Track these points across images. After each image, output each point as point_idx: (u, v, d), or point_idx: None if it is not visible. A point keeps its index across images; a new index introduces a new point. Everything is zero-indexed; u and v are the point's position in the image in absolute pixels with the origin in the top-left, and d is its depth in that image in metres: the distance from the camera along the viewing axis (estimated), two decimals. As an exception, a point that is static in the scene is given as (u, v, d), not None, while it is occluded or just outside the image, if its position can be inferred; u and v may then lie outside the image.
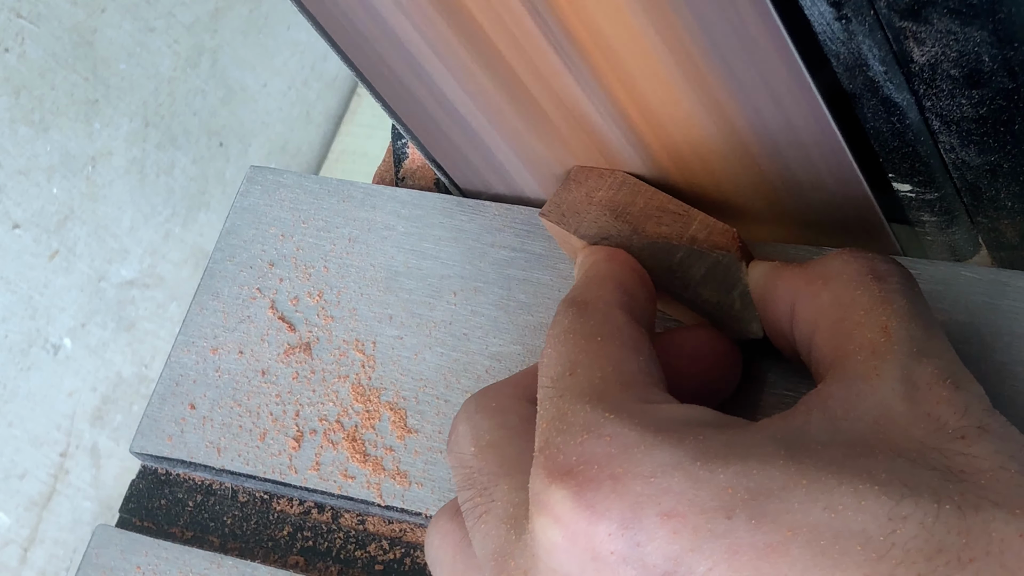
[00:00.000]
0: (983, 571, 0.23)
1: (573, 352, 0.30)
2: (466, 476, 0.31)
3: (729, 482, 0.25)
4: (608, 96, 0.34)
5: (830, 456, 0.26)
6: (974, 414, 0.27)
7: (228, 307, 0.42)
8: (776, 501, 0.25)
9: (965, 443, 0.26)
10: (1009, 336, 0.34)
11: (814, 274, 0.31)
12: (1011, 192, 0.34)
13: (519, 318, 0.39)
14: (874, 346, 0.29)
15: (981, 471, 0.26)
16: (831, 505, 0.24)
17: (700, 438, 0.27)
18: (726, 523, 0.25)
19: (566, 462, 0.27)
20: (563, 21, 0.32)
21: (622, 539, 0.25)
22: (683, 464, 0.26)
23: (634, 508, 0.25)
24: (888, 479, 0.25)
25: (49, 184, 0.95)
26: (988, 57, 0.28)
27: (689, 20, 0.30)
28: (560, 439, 0.27)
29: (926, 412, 0.27)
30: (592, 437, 0.27)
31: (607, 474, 0.26)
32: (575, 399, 0.28)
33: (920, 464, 0.26)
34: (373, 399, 0.39)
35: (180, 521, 0.40)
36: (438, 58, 0.35)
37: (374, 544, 0.38)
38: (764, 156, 0.34)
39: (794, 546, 0.24)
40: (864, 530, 0.24)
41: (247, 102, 1.15)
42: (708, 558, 0.25)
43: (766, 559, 0.24)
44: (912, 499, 0.24)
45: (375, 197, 0.43)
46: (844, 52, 0.30)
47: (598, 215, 0.36)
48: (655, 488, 0.26)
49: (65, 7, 0.95)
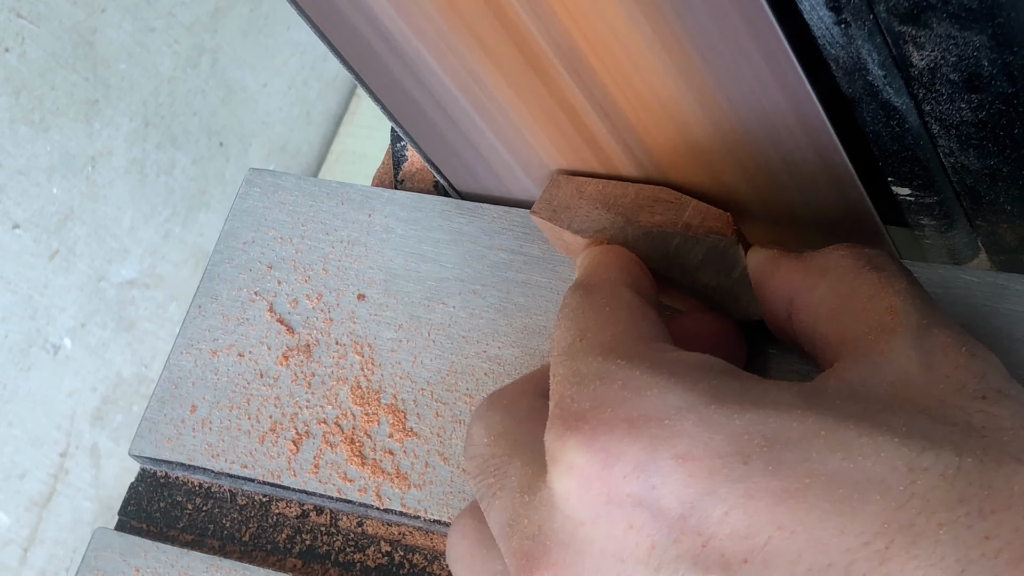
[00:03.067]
0: (1005, 523, 0.23)
1: (582, 322, 0.30)
2: (480, 465, 0.30)
3: (745, 428, 0.25)
4: (604, 96, 0.34)
5: (849, 410, 0.26)
6: (993, 379, 0.27)
7: (227, 310, 0.42)
8: (793, 450, 0.25)
9: (986, 403, 0.26)
10: (1008, 340, 0.34)
11: (811, 267, 0.31)
12: (1010, 196, 0.34)
13: (518, 321, 0.39)
14: (882, 325, 0.29)
15: (1003, 429, 0.25)
16: (850, 455, 0.24)
17: (715, 383, 0.26)
18: (742, 468, 0.24)
19: (579, 409, 0.27)
20: (560, 25, 0.32)
21: (637, 481, 0.25)
22: (697, 407, 0.26)
23: (649, 451, 0.25)
24: (908, 432, 0.25)
25: (49, 184, 0.95)
26: (987, 61, 0.28)
27: (683, 18, 0.30)
28: (573, 391, 0.27)
29: (944, 374, 0.27)
30: (605, 383, 0.27)
31: (621, 417, 0.26)
32: (587, 356, 0.28)
33: (941, 420, 0.26)
34: (372, 402, 0.39)
35: (179, 524, 0.40)
36: (434, 59, 0.35)
37: (373, 547, 0.38)
38: (757, 154, 0.34)
39: (811, 493, 0.24)
40: (884, 480, 0.24)
41: (247, 102, 1.15)
42: (724, 502, 0.24)
43: (783, 504, 0.24)
44: (933, 451, 0.24)
45: (374, 200, 0.43)
46: (843, 56, 0.30)
47: (590, 209, 0.36)
48: (670, 431, 0.25)
49: (65, 7, 0.95)
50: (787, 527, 0.24)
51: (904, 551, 0.23)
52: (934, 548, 0.23)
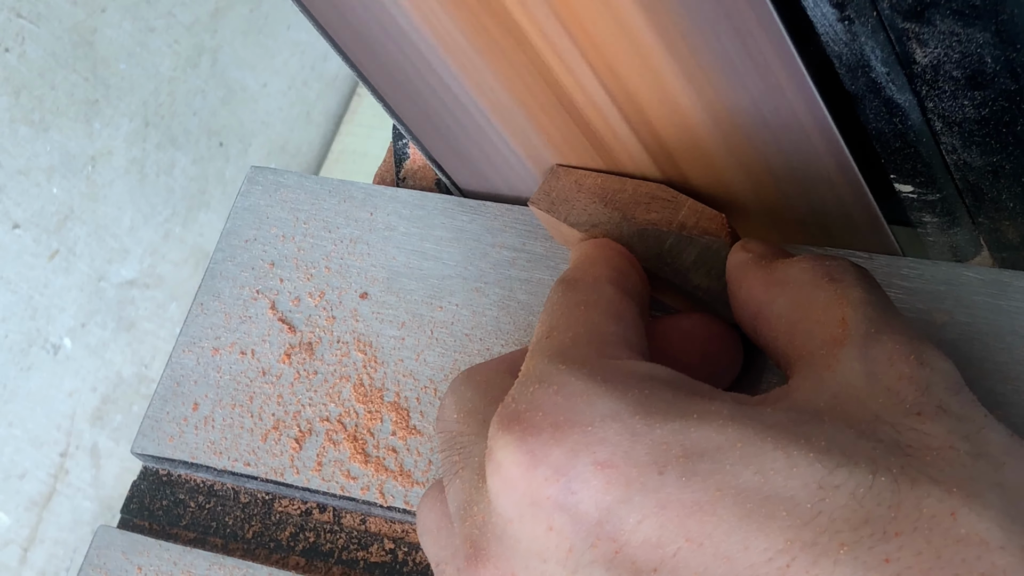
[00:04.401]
0: (907, 546, 0.23)
1: (554, 318, 0.31)
2: (448, 440, 0.31)
3: (665, 438, 0.25)
4: (605, 92, 0.34)
5: (773, 421, 0.26)
6: (935, 392, 0.27)
7: (229, 308, 0.42)
8: (708, 461, 0.25)
9: (920, 419, 0.26)
10: (1011, 336, 0.34)
11: (772, 280, 0.32)
12: (1013, 193, 0.34)
13: (521, 318, 0.39)
14: (833, 338, 0.29)
15: (929, 448, 0.25)
16: (762, 469, 0.24)
17: (646, 392, 0.27)
18: (658, 478, 0.25)
19: (516, 410, 0.27)
20: (564, 19, 0.32)
21: (557, 485, 0.26)
22: (622, 416, 0.26)
23: (570, 456, 0.26)
24: (827, 447, 0.25)
25: (49, 184, 0.95)
26: (990, 58, 0.28)
27: (687, 14, 0.30)
28: (517, 390, 0.28)
29: (885, 387, 0.27)
30: (543, 387, 0.27)
31: (549, 422, 0.26)
32: (540, 357, 0.29)
33: (867, 436, 0.26)
34: (375, 400, 0.39)
35: (182, 522, 0.40)
36: (437, 54, 0.35)
37: (376, 544, 0.38)
38: (760, 152, 0.34)
39: (721, 506, 0.24)
40: (792, 496, 0.24)
41: (247, 102, 1.15)
42: (638, 511, 0.25)
43: (693, 517, 0.24)
44: (847, 468, 0.24)
45: (376, 197, 0.43)
46: (847, 53, 0.30)
47: (588, 202, 0.36)
48: (592, 437, 0.26)
49: (65, 7, 0.95)
50: (695, 539, 0.24)
51: (804, 570, 0.23)
52: (833, 568, 0.23)
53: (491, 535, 0.27)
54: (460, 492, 0.29)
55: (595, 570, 0.25)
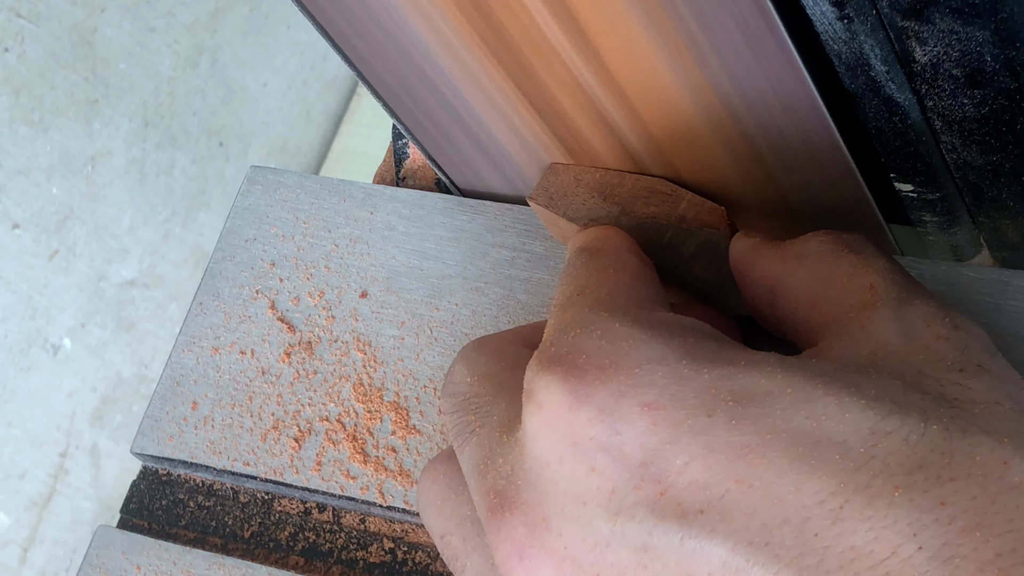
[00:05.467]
0: (961, 491, 0.23)
1: (583, 279, 0.31)
2: (460, 403, 0.31)
3: (713, 383, 0.25)
4: (603, 89, 0.34)
5: (821, 369, 0.26)
6: (973, 353, 0.27)
7: (229, 307, 0.42)
8: (758, 406, 0.25)
9: (963, 375, 0.26)
10: (1012, 336, 0.34)
11: (790, 254, 0.32)
12: (1013, 192, 0.34)
13: (521, 318, 0.39)
14: (862, 302, 0.29)
15: (975, 402, 0.26)
16: (813, 414, 0.24)
17: (691, 340, 0.27)
18: (706, 420, 0.25)
19: (557, 352, 0.27)
20: (560, 15, 0.32)
21: (601, 425, 0.25)
22: (669, 360, 0.26)
23: (616, 396, 0.25)
24: (877, 395, 0.25)
25: (49, 184, 0.95)
26: (990, 57, 0.28)
27: (686, 10, 0.30)
28: (555, 335, 0.28)
29: (925, 346, 0.27)
30: (585, 331, 0.27)
31: (594, 364, 0.26)
32: (577, 308, 0.29)
33: (914, 388, 0.26)
34: (375, 399, 0.39)
35: (181, 522, 0.40)
36: (435, 54, 0.35)
37: (375, 544, 0.38)
38: (758, 151, 0.34)
39: (771, 449, 0.24)
40: (845, 441, 0.24)
41: (247, 102, 1.15)
42: (685, 452, 0.24)
43: (742, 459, 0.24)
44: (899, 416, 0.24)
45: (376, 197, 0.43)
46: (846, 52, 0.30)
47: (587, 197, 0.36)
48: (639, 380, 0.26)
49: (65, 7, 0.95)
50: (745, 481, 0.24)
51: (858, 512, 0.23)
52: (887, 510, 0.23)
53: (522, 481, 0.27)
54: (479, 448, 0.29)
55: (638, 511, 0.25)
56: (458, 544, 0.30)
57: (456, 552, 0.30)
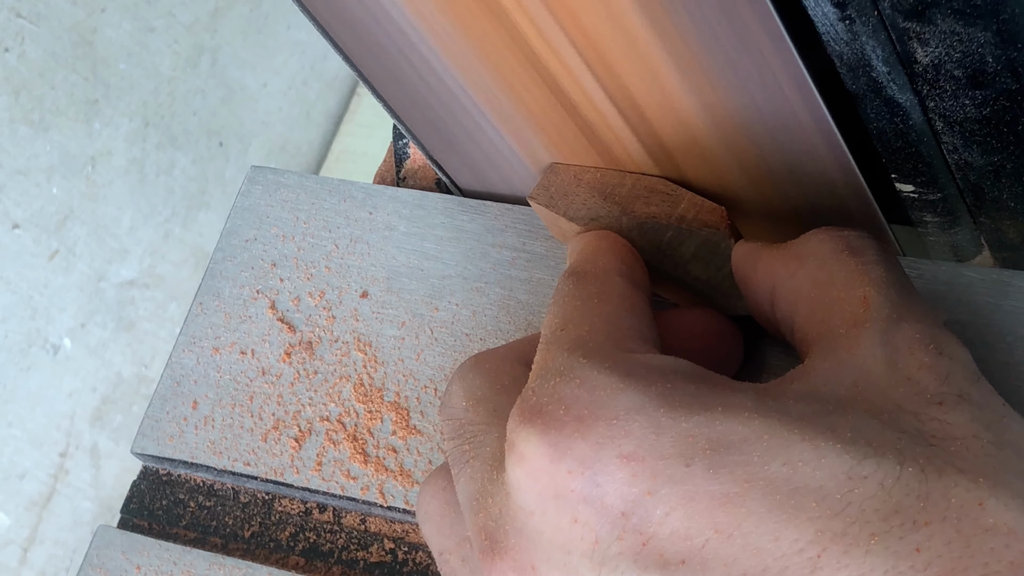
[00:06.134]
0: (937, 535, 0.23)
1: (568, 311, 0.31)
2: (456, 428, 0.31)
3: (691, 431, 0.25)
4: (604, 90, 0.34)
5: (798, 412, 0.26)
6: (955, 381, 0.27)
7: (229, 307, 0.42)
8: (736, 453, 0.25)
9: (942, 409, 0.26)
10: (1012, 337, 0.34)
11: (790, 255, 0.32)
12: (1014, 193, 0.34)
13: (521, 318, 0.39)
14: (854, 318, 0.29)
15: (953, 438, 0.26)
16: (790, 461, 0.25)
17: (669, 385, 0.27)
18: (685, 470, 0.25)
19: (537, 403, 0.27)
20: (561, 17, 0.32)
21: (582, 478, 0.26)
22: (647, 409, 0.26)
23: (595, 448, 0.26)
24: (853, 438, 0.25)
25: (49, 184, 0.95)
26: (992, 58, 0.28)
27: (687, 11, 0.30)
28: (536, 383, 0.28)
29: (906, 376, 0.27)
30: (564, 380, 0.27)
31: (573, 415, 0.26)
32: (558, 349, 0.29)
33: (891, 426, 0.26)
34: (375, 399, 0.39)
35: (181, 522, 0.40)
36: (436, 54, 0.35)
37: (376, 544, 0.38)
38: (760, 151, 0.34)
39: (749, 498, 0.24)
40: (821, 487, 0.24)
41: (247, 102, 1.15)
42: (665, 503, 0.25)
43: (722, 508, 0.24)
44: (875, 459, 0.24)
45: (376, 197, 0.43)
46: (848, 53, 0.30)
47: (587, 197, 0.36)
48: (617, 431, 0.26)
49: (65, 7, 0.95)
50: (724, 531, 0.24)
51: (835, 560, 0.23)
52: (864, 558, 0.23)
53: (509, 527, 0.27)
54: (472, 482, 0.29)
55: (622, 562, 0.25)
56: (457, 565, 0.30)
57: (455, 571, 0.31)
